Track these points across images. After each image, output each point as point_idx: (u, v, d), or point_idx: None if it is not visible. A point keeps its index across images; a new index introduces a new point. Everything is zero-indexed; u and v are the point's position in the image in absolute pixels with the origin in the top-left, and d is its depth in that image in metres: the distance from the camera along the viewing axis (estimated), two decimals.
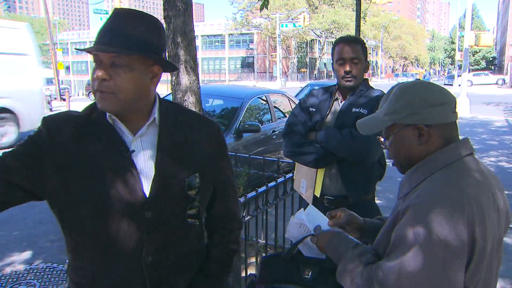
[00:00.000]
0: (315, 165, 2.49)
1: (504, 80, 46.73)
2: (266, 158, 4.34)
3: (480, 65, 75.85)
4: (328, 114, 2.58)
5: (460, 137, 1.40)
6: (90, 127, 1.40)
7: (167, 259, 1.46)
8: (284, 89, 26.89)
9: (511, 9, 51.32)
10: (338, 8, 53.84)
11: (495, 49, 68.31)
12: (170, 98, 7.35)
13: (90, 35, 74.48)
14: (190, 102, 3.76)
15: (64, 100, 29.02)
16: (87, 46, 1.38)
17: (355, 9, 7.74)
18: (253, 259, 3.82)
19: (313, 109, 2.61)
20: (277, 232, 3.61)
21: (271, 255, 1.79)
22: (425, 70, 76.98)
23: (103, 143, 1.39)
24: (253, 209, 3.19)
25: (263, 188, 3.28)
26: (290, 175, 3.66)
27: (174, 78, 3.74)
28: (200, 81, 3.78)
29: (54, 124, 1.40)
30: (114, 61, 1.33)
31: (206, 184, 1.52)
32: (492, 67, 73.72)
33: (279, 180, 3.49)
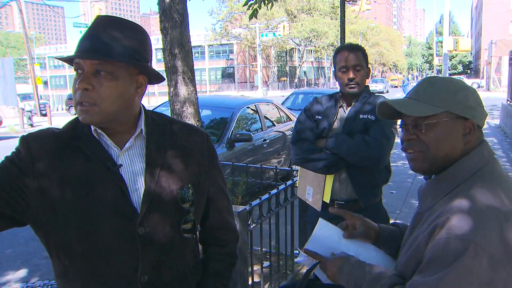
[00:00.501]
0: (326, 171, 2.51)
1: (478, 84, 47.69)
2: (263, 166, 4.36)
3: (457, 70, 77.41)
4: (334, 121, 2.62)
5: None
6: (73, 142, 1.33)
7: (163, 278, 1.38)
8: (267, 98, 26.96)
9: (484, 15, 52.59)
10: (316, 16, 54.35)
11: (471, 53, 69.75)
12: (159, 109, 7.31)
13: (67, 49, 73.71)
14: (188, 113, 3.76)
15: (44, 115, 28.62)
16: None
17: (333, 17, 7.84)
18: (257, 267, 3.81)
19: (319, 117, 2.64)
20: (279, 240, 3.61)
21: (284, 286, 1.73)
22: (403, 75, 78.15)
23: (88, 159, 1.31)
24: (257, 217, 3.21)
25: (266, 195, 3.30)
26: (289, 182, 3.69)
27: (172, 89, 3.75)
28: None
29: (34, 142, 1.31)
30: (97, 69, 1.26)
31: (199, 195, 1.46)
32: (469, 71, 75.32)
33: (281, 187, 3.51)
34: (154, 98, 41.19)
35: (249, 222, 3.07)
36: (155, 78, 1.40)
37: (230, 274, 1.59)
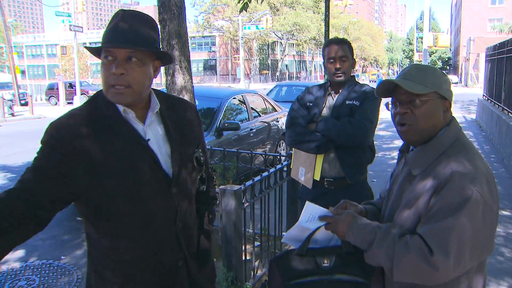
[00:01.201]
0: (316, 151, 2.80)
1: (455, 82, 48.68)
2: (253, 152, 4.60)
3: (436, 65, 78.71)
4: (324, 107, 2.90)
5: None
6: (105, 122, 1.52)
7: (188, 222, 1.70)
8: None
9: (463, 11, 53.52)
10: (299, 10, 54.59)
11: (450, 50, 70.94)
12: None
13: (46, 38, 72.48)
14: None
15: (24, 105, 28.27)
16: (44, 49, 1.58)
17: (316, 11, 8.08)
18: (249, 246, 4.06)
19: (311, 104, 2.93)
20: (269, 222, 3.86)
21: (280, 256, 1.76)
22: (378, 70, 78.94)
23: (122, 136, 1.52)
24: (250, 197, 3.46)
25: (258, 177, 3.56)
26: (279, 166, 3.95)
27: (169, 77, 3.97)
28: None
29: (68, 130, 1.47)
30: (129, 56, 1.47)
31: (205, 156, 1.79)
32: (448, 67, 76.60)
33: (271, 170, 3.77)
34: None
35: (243, 201, 3.32)
36: (167, 60, 1.65)
37: (214, 212, 1.99)
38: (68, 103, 27.58)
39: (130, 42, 1.48)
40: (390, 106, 1.63)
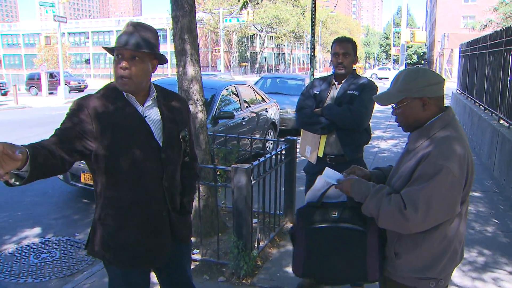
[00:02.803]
0: (321, 132, 3.31)
1: None
2: (253, 137, 5.07)
3: (412, 60, 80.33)
4: (328, 96, 3.41)
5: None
6: (112, 103, 2.04)
7: (174, 183, 2.22)
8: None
9: (438, 8, 54.72)
10: (279, 3, 54.99)
11: (425, 45, 72.40)
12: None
13: (21, 27, 71.27)
14: (195, 89, 4.41)
15: (3, 95, 28.04)
16: (21, 38, 2.15)
17: (295, 5, 8.49)
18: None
19: (317, 92, 3.44)
20: (269, 199, 4.32)
21: (304, 207, 2.21)
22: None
23: (125, 112, 2.05)
24: (256, 175, 3.93)
25: (263, 158, 4.04)
26: (278, 149, 4.43)
27: (181, 69, 4.38)
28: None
29: (86, 103, 2.01)
30: (133, 55, 1.99)
31: (190, 136, 2.31)
32: (423, 62, 78.24)
33: (273, 152, 4.25)
34: None
35: (251, 178, 3.78)
36: (162, 61, 2.15)
37: (195, 185, 2.56)
38: (50, 93, 27.46)
39: (134, 45, 2.00)
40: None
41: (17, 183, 1.69)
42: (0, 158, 1.48)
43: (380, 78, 49.03)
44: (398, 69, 54.59)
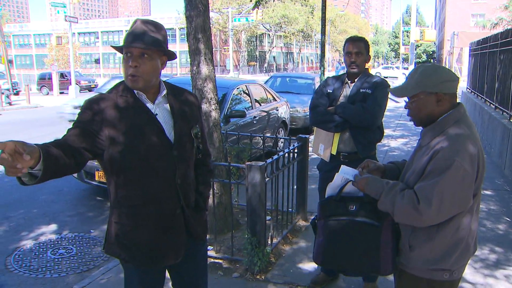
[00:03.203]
0: (334, 130, 3.35)
1: None
2: (265, 136, 5.12)
3: (421, 58, 79.85)
4: (341, 94, 3.45)
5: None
6: (124, 101, 2.03)
7: (187, 180, 2.19)
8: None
9: (447, 6, 54.38)
10: (287, 3, 54.98)
11: (435, 43, 71.97)
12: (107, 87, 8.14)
13: (32, 28, 71.79)
14: (208, 88, 4.48)
15: (16, 94, 28.28)
16: (32, 38, 2.12)
17: (304, 4, 8.54)
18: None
19: (331, 91, 3.48)
20: (282, 197, 4.38)
21: (325, 200, 2.31)
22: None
23: (136, 110, 2.04)
24: (270, 173, 3.98)
25: (276, 156, 4.09)
26: (291, 147, 4.49)
27: (195, 68, 4.44)
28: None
29: (97, 102, 2.02)
30: (142, 53, 1.97)
31: (202, 132, 2.28)
32: (432, 60, 77.76)
33: (286, 150, 4.31)
34: None
35: (264, 176, 3.84)
36: (171, 57, 2.14)
37: (210, 181, 2.49)
38: (61, 93, 27.73)
39: (142, 43, 1.99)
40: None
41: (31, 182, 1.69)
42: (13, 156, 1.48)
43: (384, 77, 49.45)
44: (407, 68, 54.47)
